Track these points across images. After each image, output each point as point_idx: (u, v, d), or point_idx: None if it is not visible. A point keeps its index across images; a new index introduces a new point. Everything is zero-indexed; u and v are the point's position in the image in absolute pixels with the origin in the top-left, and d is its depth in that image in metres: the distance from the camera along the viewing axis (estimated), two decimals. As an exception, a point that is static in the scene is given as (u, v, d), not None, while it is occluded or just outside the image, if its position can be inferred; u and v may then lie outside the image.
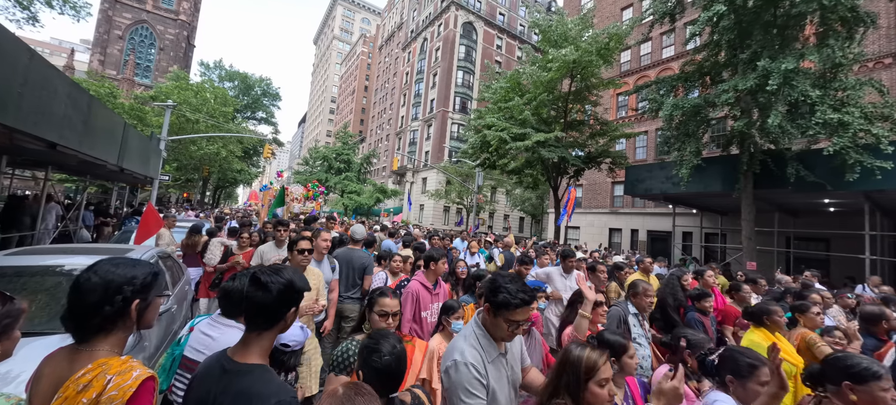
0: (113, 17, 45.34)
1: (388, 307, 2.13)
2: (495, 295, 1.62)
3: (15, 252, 3.31)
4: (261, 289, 1.24)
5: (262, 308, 1.25)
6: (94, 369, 1.05)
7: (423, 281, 3.34)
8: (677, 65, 17.81)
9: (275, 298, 1.25)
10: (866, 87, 9.15)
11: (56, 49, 77.00)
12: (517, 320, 1.59)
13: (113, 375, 1.05)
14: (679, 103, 11.18)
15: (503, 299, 1.59)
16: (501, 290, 1.61)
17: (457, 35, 40.96)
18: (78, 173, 9.58)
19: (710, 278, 4.97)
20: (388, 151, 50.91)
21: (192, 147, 24.84)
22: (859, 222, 10.66)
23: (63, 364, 1.11)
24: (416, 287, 3.27)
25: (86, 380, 1.03)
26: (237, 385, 1.20)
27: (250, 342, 1.27)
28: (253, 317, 1.27)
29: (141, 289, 1.18)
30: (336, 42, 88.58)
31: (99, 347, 1.12)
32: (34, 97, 3.83)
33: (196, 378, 1.29)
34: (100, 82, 24.38)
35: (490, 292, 1.65)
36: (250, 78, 42.57)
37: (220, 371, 1.25)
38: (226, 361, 1.26)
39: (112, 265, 1.18)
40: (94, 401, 1.01)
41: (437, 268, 3.40)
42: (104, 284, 1.13)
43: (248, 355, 1.25)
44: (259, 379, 1.21)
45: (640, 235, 22.01)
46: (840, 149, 8.50)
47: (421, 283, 3.32)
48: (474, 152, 18.83)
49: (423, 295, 3.23)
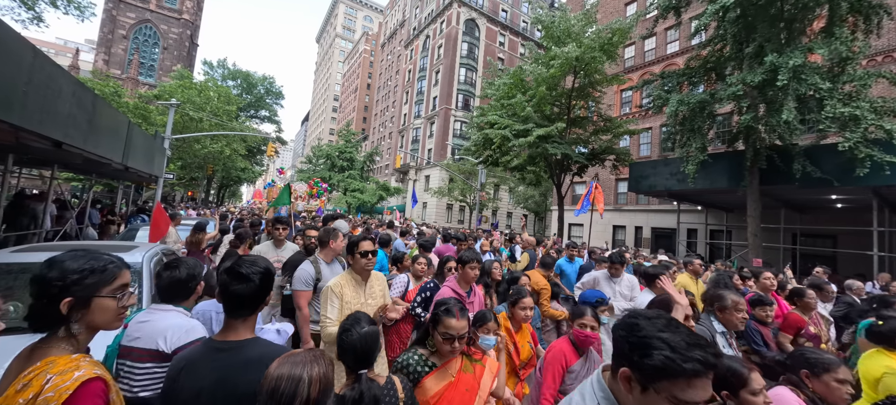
0: (117, 16, 45.58)
1: (454, 329, 1.81)
2: (646, 353, 0.93)
3: (20, 249, 3.34)
4: (244, 281, 1.34)
5: (247, 298, 1.36)
6: (40, 367, 0.99)
7: (455, 287, 2.95)
8: (682, 60, 17.65)
9: (257, 287, 1.36)
10: (874, 78, 9.02)
11: (61, 49, 77.61)
12: (690, 402, 0.88)
13: (54, 375, 0.97)
14: (684, 99, 11.08)
15: (664, 363, 0.89)
16: (656, 345, 0.92)
17: (459, 32, 40.79)
18: (83, 172, 9.66)
19: (767, 281, 4.21)
20: (391, 149, 50.92)
21: (196, 146, 24.96)
22: (867, 218, 10.53)
23: (22, 361, 1.06)
24: (448, 294, 2.85)
25: (26, 379, 0.96)
26: (243, 355, 1.30)
27: (237, 326, 1.37)
28: (238, 308, 1.36)
29: (71, 285, 1.07)
30: (339, 40, 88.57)
31: (54, 345, 1.06)
32: (39, 96, 3.85)
33: (183, 369, 1.31)
34: (105, 82, 24.55)
35: (634, 347, 0.96)
36: (253, 76, 42.65)
37: (212, 353, 1.32)
38: (216, 344, 1.35)
39: (61, 259, 1.11)
40: (31, 402, 0.94)
41: (469, 273, 3.02)
42: (40, 279, 1.07)
43: (239, 334, 1.36)
44: (262, 345, 1.36)
45: (644, 232, 21.90)
46: (852, 144, 8.39)
47: (452, 290, 2.91)
48: (477, 149, 18.79)
49: None
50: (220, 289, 1.41)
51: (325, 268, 3.05)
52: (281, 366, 1.06)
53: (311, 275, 2.92)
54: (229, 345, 1.33)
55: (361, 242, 2.55)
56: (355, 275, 2.56)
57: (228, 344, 1.33)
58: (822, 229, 15.05)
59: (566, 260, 6.20)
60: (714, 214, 17.06)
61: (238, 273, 1.35)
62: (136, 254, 3.28)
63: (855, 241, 12.76)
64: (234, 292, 1.34)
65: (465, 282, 3.02)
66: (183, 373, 1.29)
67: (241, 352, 1.31)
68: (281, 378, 1.02)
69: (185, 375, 1.29)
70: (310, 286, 2.91)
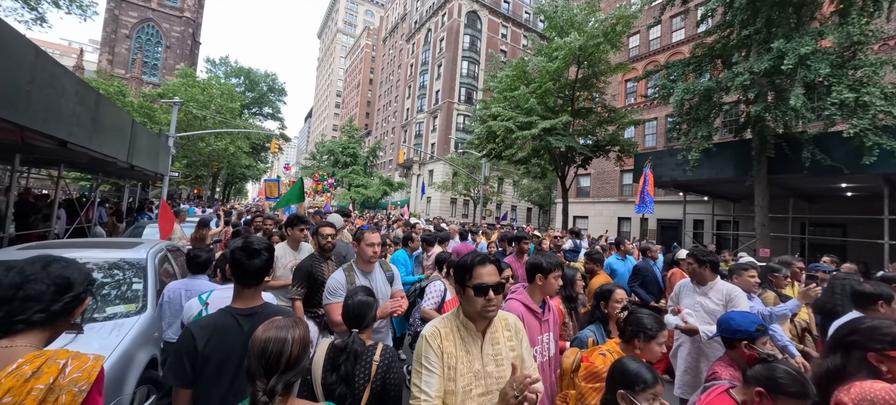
0: (119, 16, 45.75)
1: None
2: None
3: (28, 246, 3.38)
4: (256, 256, 1.63)
5: (259, 269, 1.64)
6: (32, 359, 1.00)
7: (527, 301, 2.23)
8: (688, 48, 17.36)
9: (267, 260, 1.67)
10: (887, 66, 8.80)
11: (66, 50, 78.18)
12: None
13: (65, 360, 1.03)
14: (690, 87, 10.90)
15: None
16: None
17: (461, 25, 40.43)
18: (89, 171, 9.75)
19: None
20: (394, 144, 50.87)
21: (201, 143, 25.11)
22: (878, 206, 10.35)
23: None
24: (518, 310, 2.15)
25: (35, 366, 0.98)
26: (265, 316, 1.52)
27: (251, 294, 1.67)
28: (251, 277, 1.65)
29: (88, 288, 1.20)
30: (340, 35, 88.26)
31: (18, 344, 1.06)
32: (42, 95, 3.87)
33: (211, 336, 1.52)
34: (109, 81, 24.70)
35: None
36: (256, 73, 42.68)
37: (237, 319, 1.59)
38: (238, 311, 1.62)
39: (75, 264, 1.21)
40: (50, 388, 0.97)
41: (547, 284, 2.27)
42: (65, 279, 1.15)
43: (255, 301, 1.68)
44: (273, 307, 1.70)
45: (650, 224, 21.74)
46: (859, 131, 8.22)
47: (524, 305, 2.20)
48: (480, 143, 18.70)
49: (530, 321, 2.14)
50: (233, 263, 1.65)
51: (360, 279, 2.65)
52: (267, 330, 1.20)
53: (342, 284, 2.58)
54: (250, 310, 1.62)
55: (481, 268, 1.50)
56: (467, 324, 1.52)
57: (249, 310, 1.62)
58: (831, 218, 14.82)
59: (617, 258, 5.38)
60: (721, 205, 16.87)
61: (252, 249, 1.63)
62: (141, 251, 3.31)
63: (865, 230, 12.56)
64: (248, 265, 1.61)
65: (542, 294, 2.30)
66: (212, 340, 1.51)
67: (262, 316, 1.57)
68: (268, 340, 1.16)
69: (216, 341, 1.51)
70: (342, 297, 2.47)
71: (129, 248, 3.44)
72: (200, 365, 1.46)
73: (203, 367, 1.46)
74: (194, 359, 1.46)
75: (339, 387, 1.62)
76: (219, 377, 1.48)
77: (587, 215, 25.04)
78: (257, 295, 1.69)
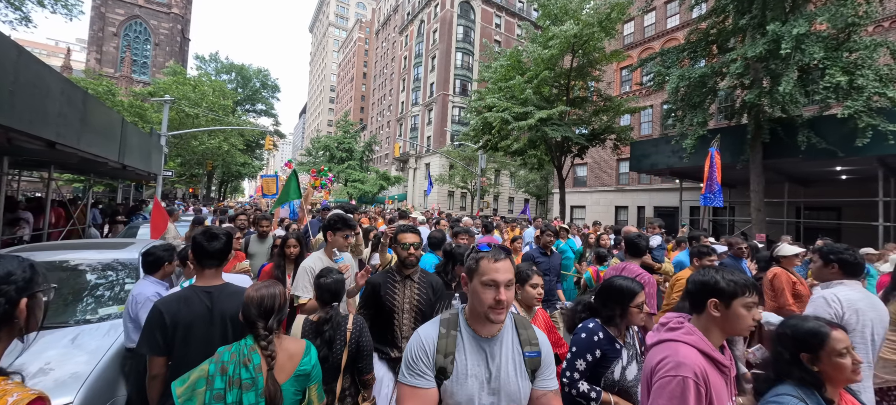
0: (106, 13, 44.85)
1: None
2: None
3: (24, 248, 3.32)
4: (215, 239, 1.89)
5: (219, 251, 1.90)
6: None
7: (705, 347, 1.29)
8: (682, 34, 17.27)
9: (225, 242, 1.93)
10: (881, 48, 8.79)
11: (53, 50, 76.74)
12: None
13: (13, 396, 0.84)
14: (685, 74, 10.87)
15: None
16: None
17: (454, 15, 39.99)
18: (81, 172, 9.63)
19: None
20: (390, 138, 50.59)
21: (194, 142, 24.85)
22: (872, 189, 10.44)
23: None
24: (696, 362, 1.25)
25: None
26: (227, 291, 1.87)
27: (213, 274, 1.91)
28: (210, 258, 1.89)
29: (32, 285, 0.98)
30: (332, 29, 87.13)
31: None
32: (27, 95, 3.78)
33: (178, 309, 1.75)
34: (98, 81, 24.31)
35: None
36: (247, 70, 42.08)
37: (200, 294, 1.83)
38: (201, 288, 1.85)
39: None
40: None
41: (733, 317, 1.31)
42: None
43: (216, 280, 1.91)
44: (233, 285, 1.95)
45: (646, 212, 21.84)
46: (853, 113, 8.24)
47: (703, 353, 1.28)
48: (476, 135, 18.62)
49: (715, 380, 1.26)
50: (195, 247, 1.88)
51: (468, 344, 1.52)
52: (259, 289, 1.61)
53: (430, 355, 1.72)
54: (209, 288, 1.86)
55: None
56: None
57: (209, 288, 1.86)
58: (826, 202, 14.95)
59: (687, 255, 4.41)
60: (717, 191, 16.96)
61: (211, 233, 1.92)
62: (134, 252, 3.27)
63: (860, 213, 12.68)
64: (208, 248, 1.86)
65: (723, 333, 1.36)
66: (179, 311, 1.73)
67: (223, 291, 1.87)
68: (263, 296, 1.58)
69: (182, 312, 1.74)
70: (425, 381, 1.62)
71: (121, 249, 3.40)
72: (170, 333, 1.70)
73: (173, 335, 1.70)
74: (164, 329, 1.69)
75: (323, 350, 1.95)
76: (187, 341, 1.72)
77: (584, 205, 25.12)
78: (217, 276, 1.91)
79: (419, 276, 2.43)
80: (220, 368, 1.46)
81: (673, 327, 1.38)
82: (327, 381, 1.94)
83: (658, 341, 1.39)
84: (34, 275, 1.00)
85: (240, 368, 1.46)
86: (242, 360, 1.48)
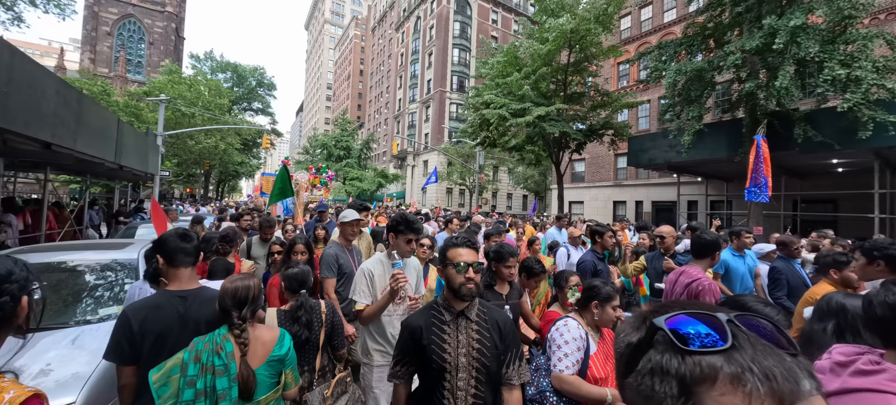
0: (99, 12, 44.44)
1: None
2: None
3: (22, 249, 3.31)
4: (189, 241, 1.88)
5: (192, 249, 1.88)
6: None
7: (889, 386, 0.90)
8: (680, 28, 17.25)
9: (197, 244, 1.93)
10: (877, 39, 8.81)
11: (47, 50, 76.01)
12: None
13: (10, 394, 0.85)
14: (682, 68, 10.87)
15: None
16: None
17: (450, 11, 39.79)
18: (77, 173, 9.57)
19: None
20: (388, 136, 50.45)
21: (190, 141, 24.72)
22: (868, 181, 10.50)
23: None
24: None
25: None
26: (204, 296, 1.81)
27: (186, 275, 1.84)
28: (186, 256, 1.86)
29: None
30: (328, 26, 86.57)
31: None
32: (21, 96, 3.75)
33: (147, 315, 1.68)
34: (92, 81, 24.11)
35: None
36: (243, 68, 41.75)
37: (173, 300, 1.75)
38: (173, 293, 1.77)
39: None
40: None
41: None
42: None
43: (191, 283, 1.85)
44: (209, 289, 1.89)
45: (644, 206, 21.92)
46: (852, 106, 8.25)
47: None
48: (474, 131, 18.58)
49: None
50: (170, 248, 1.83)
51: None
52: (234, 281, 1.71)
53: None
54: (183, 292, 1.79)
55: None
56: None
57: (183, 292, 1.79)
58: (822, 194, 15.03)
59: (731, 252, 3.97)
60: (714, 185, 17.02)
61: (184, 234, 1.91)
62: (132, 252, 3.26)
63: (856, 205, 12.76)
64: (181, 247, 1.83)
65: None
66: (147, 319, 1.66)
67: (198, 295, 1.81)
68: (238, 287, 1.68)
69: (151, 320, 1.66)
70: None
71: (120, 249, 3.39)
72: (138, 342, 1.63)
73: (141, 344, 1.63)
74: (131, 338, 1.62)
75: (303, 332, 2.17)
76: (158, 351, 1.65)
77: (582, 200, 25.18)
78: (192, 279, 1.87)
79: (478, 313, 1.63)
80: (194, 356, 1.53)
81: (866, 371, 0.94)
82: (309, 361, 2.22)
83: (845, 389, 0.95)
84: (29, 273, 1.04)
85: (213, 356, 1.54)
86: (215, 349, 1.56)
